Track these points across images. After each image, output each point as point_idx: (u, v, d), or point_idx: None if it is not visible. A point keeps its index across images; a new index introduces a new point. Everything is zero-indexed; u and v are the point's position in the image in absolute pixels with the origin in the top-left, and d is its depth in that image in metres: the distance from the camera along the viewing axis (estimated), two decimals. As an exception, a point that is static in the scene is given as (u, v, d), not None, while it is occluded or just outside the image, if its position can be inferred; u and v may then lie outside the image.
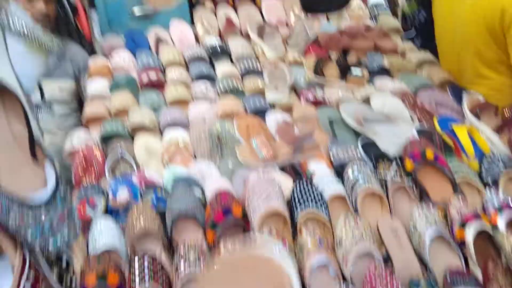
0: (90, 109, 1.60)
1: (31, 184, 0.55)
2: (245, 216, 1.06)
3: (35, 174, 0.55)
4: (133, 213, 1.08)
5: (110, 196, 1.17)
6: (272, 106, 1.58)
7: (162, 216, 1.12)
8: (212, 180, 1.23)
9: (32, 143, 0.55)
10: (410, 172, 1.14)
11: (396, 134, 1.29)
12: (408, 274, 0.97)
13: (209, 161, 1.35)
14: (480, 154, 1.25)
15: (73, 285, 0.65)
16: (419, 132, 1.32)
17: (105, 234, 1.04)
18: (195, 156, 1.40)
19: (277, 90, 1.58)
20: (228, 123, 1.45)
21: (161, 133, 1.52)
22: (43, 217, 0.52)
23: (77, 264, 0.78)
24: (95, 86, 1.71)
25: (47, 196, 0.52)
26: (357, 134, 1.41)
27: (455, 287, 0.91)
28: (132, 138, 1.48)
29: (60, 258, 0.63)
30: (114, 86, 1.69)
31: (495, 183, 1.14)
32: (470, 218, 0.99)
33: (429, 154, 1.14)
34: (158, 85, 1.72)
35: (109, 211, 1.18)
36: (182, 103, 1.63)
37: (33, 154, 0.56)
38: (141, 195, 1.20)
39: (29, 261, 0.60)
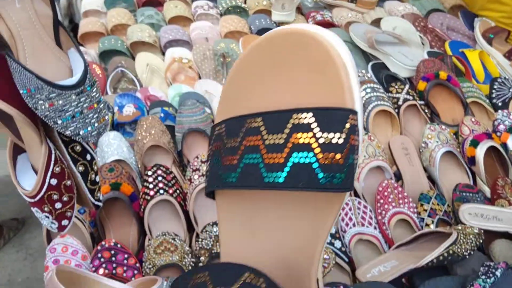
0: (85, 25, 1.51)
1: (58, 70, 0.51)
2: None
3: (61, 59, 0.51)
4: (142, 126, 1.05)
5: (116, 111, 1.13)
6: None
7: (171, 131, 1.10)
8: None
9: (57, 25, 0.51)
10: (422, 93, 1.13)
11: (407, 57, 1.27)
12: (418, 190, 0.98)
13: (214, 81, 1.31)
14: (490, 78, 1.24)
15: (97, 182, 0.64)
16: (431, 55, 1.30)
17: (114, 145, 1.02)
18: (199, 76, 1.36)
19: (283, 10, 1.51)
20: (233, 42, 1.39)
21: (162, 52, 1.46)
22: (74, 102, 0.49)
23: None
24: (90, 1, 1.61)
25: (76, 82, 0.49)
26: (366, 57, 1.38)
27: (464, 201, 0.93)
28: (132, 57, 1.42)
29: (84, 153, 0.61)
30: (110, 2, 1.60)
31: (505, 105, 1.15)
32: (482, 136, 1.00)
33: (443, 74, 1.13)
34: (156, 3, 1.63)
35: (115, 127, 1.15)
36: (182, 21, 1.55)
37: (57, 38, 0.52)
38: (147, 112, 1.17)
39: (55, 156, 0.58)
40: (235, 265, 0.30)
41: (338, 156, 0.27)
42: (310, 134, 0.28)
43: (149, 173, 0.95)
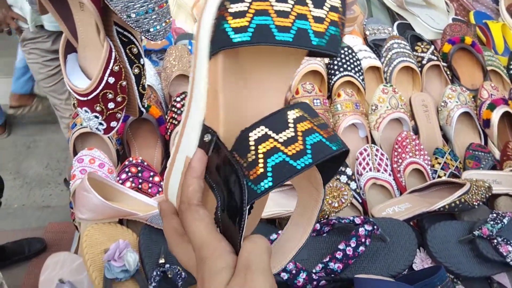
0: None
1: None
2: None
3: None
4: (171, 55, 1.06)
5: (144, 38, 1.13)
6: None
7: (197, 64, 1.11)
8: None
9: None
10: (446, 55, 1.16)
11: (434, 20, 1.28)
12: (432, 146, 1.03)
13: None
14: (509, 51, 1.27)
15: (145, 88, 0.66)
16: (455, 21, 1.32)
17: (144, 70, 1.03)
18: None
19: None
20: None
21: (188, -12, 1.44)
22: (149, -3, 0.50)
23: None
24: None
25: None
26: (391, 17, 1.39)
27: (475, 159, 0.98)
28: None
29: (139, 56, 0.62)
30: None
31: (522, 77, 1.18)
32: (499, 101, 1.04)
33: (468, 39, 1.15)
34: None
35: (141, 54, 1.15)
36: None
37: None
38: (174, 43, 1.18)
39: (115, 55, 0.60)
40: (277, 112, 0.35)
41: (322, 26, 0.35)
42: (307, 8, 0.35)
43: (178, 99, 0.97)
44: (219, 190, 0.36)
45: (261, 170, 0.33)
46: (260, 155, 0.33)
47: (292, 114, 0.34)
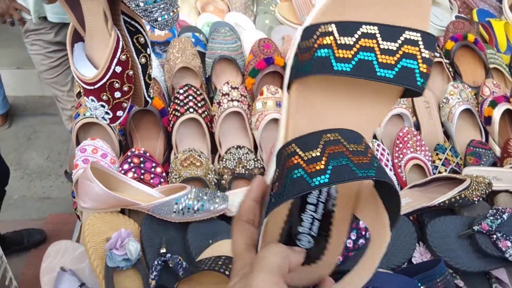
0: None
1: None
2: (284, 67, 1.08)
3: None
4: (174, 47, 1.06)
5: (148, 30, 1.14)
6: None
7: (200, 57, 1.11)
8: (250, 32, 1.21)
9: None
10: (449, 52, 1.16)
11: (437, 17, 1.29)
12: (433, 142, 1.03)
13: (244, 15, 1.32)
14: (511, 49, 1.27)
15: (151, 79, 0.66)
16: (458, 19, 1.32)
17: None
18: (228, 9, 1.36)
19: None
20: (265, -19, 1.39)
21: (192, -19, 1.44)
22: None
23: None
24: None
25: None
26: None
27: (476, 156, 0.98)
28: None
29: (146, 46, 0.63)
30: None
31: (524, 75, 1.19)
32: (501, 99, 1.04)
33: (471, 36, 1.15)
34: None
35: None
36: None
37: None
38: (178, 35, 1.18)
39: (122, 44, 0.60)
40: (313, 133, 0.36)
41: (392, 58, 0.35)
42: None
43: (181, 91, 0.97)
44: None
45: (282, 184, 0.35)
46: (284, 170, 0.35)
47: (326, 137, 0.35)
